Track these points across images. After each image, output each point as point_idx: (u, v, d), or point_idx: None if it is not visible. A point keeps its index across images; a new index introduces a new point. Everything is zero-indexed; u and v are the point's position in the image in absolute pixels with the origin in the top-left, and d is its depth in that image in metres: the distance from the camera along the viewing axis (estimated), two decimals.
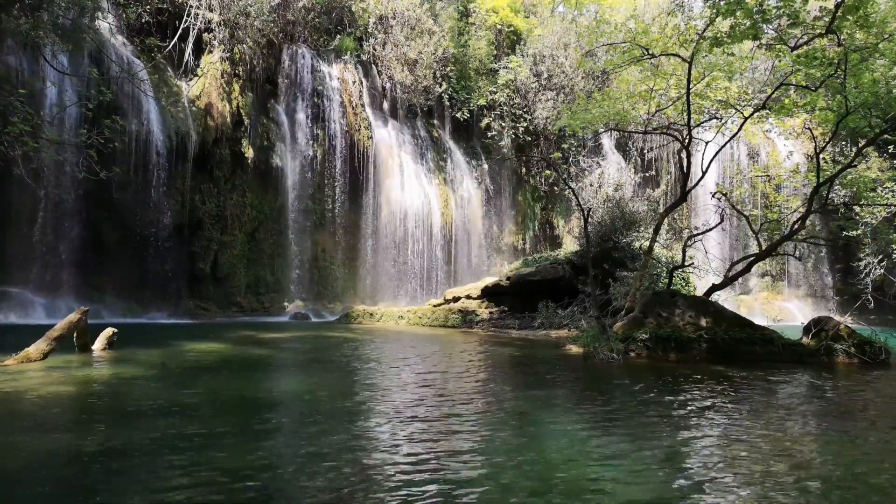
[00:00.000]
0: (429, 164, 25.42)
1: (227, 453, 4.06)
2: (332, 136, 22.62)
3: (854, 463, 4.14)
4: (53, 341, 8.03)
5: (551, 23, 28.10)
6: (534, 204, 28.40)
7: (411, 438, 4.50)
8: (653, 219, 17.46)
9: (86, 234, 17.42)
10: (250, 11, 20.71)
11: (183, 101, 19.32)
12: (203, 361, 8.75)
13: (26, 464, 3.80)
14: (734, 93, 14.85)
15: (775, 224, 15.16)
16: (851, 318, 18.54)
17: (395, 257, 23.65)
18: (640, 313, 10.74)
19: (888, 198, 16.21)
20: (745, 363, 9.26)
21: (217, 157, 20.09)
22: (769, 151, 28.18)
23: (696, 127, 13.31)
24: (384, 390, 6.77)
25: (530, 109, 26.84)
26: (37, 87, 15.53)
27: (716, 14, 10.34)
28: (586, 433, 4.78)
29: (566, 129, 17.78)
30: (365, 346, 11.58)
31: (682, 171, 15.19)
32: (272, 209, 21.77)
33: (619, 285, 14.22)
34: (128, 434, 4.46)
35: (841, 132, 13.97)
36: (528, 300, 16.91)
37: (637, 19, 13.70)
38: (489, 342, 12.66)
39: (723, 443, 4.60)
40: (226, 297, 20.19)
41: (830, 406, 6.35)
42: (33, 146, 12.66)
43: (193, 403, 5.69)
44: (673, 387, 7.18)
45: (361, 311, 19.07)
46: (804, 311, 24.84)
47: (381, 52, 24.57)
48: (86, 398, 5.87)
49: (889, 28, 10.43)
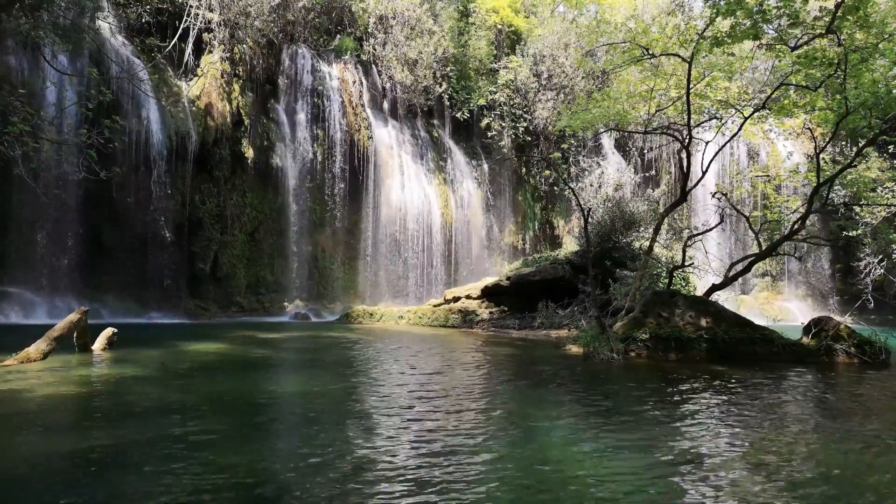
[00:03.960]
0: (429, 164, 25.43)
1: (227, 453, 4.06)
2: (332, 136, 22.62)
3: (854, 462, 4.14)
4: (53, 341, 8.03)
5: (551, 23, 28.11)
6: (534, 204, 28.40)
7: (411, 438, 4.50)
8: (653, 219, 17.46)
9: (86, 234, 17.42)
10: (250, 11, 20.72)
11: (183, 101, 19.32)
12: (203, 361, 8.75)
13: (26, 464, 3.80)
14: (734, 93, 14.86)
15: (775, 224, 15.15)
16: (851, 318, 18.57)
17: (395, 257, 23.65)
18: (640, 313, 10.74)
19: (888, 198, 16.21)
20: (745, 363, 9.26)
21: (217, 157, 20.09)
22: (769, 151, 28.18)
23: (696, 127, 13.31)
24: (384, 390, 6.77)
25: (530, 109, 26.85)
26: (37, 87, 15.53)
27: (716, 14, 10.35)
28: (586, 433, 4.78)
29: (566, 129, 17.77)
30: (365, 346, 11.58)
31: (682, 171, 15.19)
32: (272, 209, 21.77)
33: (619, 285, 14.23)
34: (128, 434, 4.46)
35: (841, 132, 13.97)
36: (528, 300, 16.92)
37: (637, 19, 13.72)
38: (489, 342, 12.66)
39: (723, 442, 4.60)
40: (226, 297, 20.19)
41: (830, 406, 6.35)
42: (33, 146, 12.66)
43: (193, 403, 5.69)
44: (673, 387, 7.18)
45: (361, 311, 19.07)
46: (804, 311, 24.83)
47: (381, 52, 24.57)
48: (86, 398, 5.87)
49: (889, 28, 10.43)
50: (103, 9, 17.31)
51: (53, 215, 16.74)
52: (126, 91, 17.33)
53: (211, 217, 19.88)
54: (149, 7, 19.34)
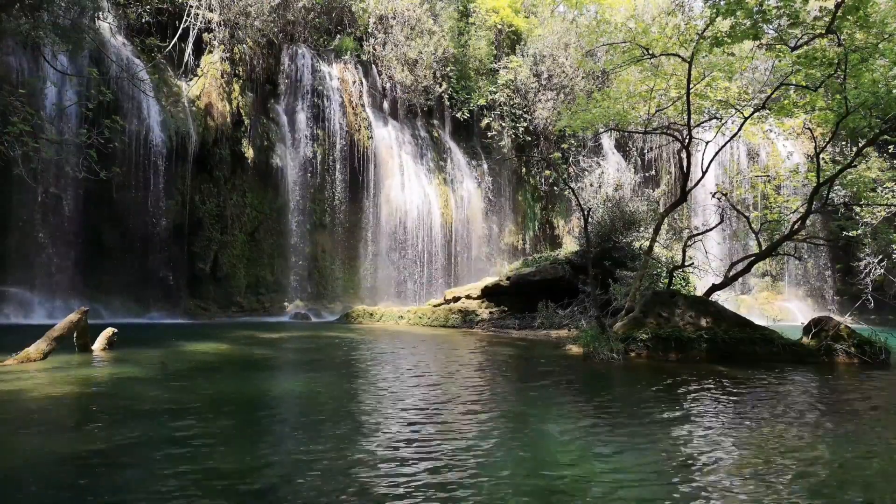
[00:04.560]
0: (429, 164, 25.42)
1: (227, 453, 4.06)
2: (332, 136, 22.62)
3: (854, 462, 4.14)
4: (53, 341, 8.03)
5: (551, 23, 28.11)
6: (534, 204, 28.40)
7: (411, 438, 4.50)
8: (653, 219, 17.46)
9: (86, 234, 17.41)
10: (250, 11, 20.72)
11: (183, 101, 19.32)
12: (203, 361, 8.74)
13: (26, 464, 3.80)
14: (734, 93, 14.86)
15: (775, 224, 15.14)
16: (851, 318, 18.58)
17: (395, 257, 23.65)
18: (640, 313, 10.74)
19: (888, 198, 16.21)
20: (746, 363, 9.25)
21: (217, 157, 20.09)
22: (769, 151, 28.18)
23: (696, 127, 13.30)
24: (384, 390, 6.77)
25: (530, 109, 26.85)
26: (37, 87, 15.52)
27: (716, 14, 10.35)
28: (586, 433, 4.78)
29: (566, 129, 17.78)
30: (365, 346, 11.58)
31: (682, 171, 15.19)
32: (272, 209, 21.78)
33: (619, 285, 14.22)
34: (128, 434, 4.46)
35: (841, 132, 13.96)
36: (528, 300, 16.91)
37: (637, 19, 13.72)
38: (489, 342, 12.66)
39: (723, 442, 4.60)
40: (226, 297, 20.19)
41: (830, 406, 6.34)
42: (33, 146, 12.66)
43: (193, 404, 5.69)
44: (673, 387, 7.18)
45: (361, 311, 19.07)
46: (804, 311, 24.83)
47: (381, 52, 24.57)
48: (86, 398, 5.87)
49: (889, 28, 10.43)
50: (103, 9, 17.30)
51: (53, 215, 16.75)
52: (126, 91, 17.32)
53: (211, 217, 19.88)
54: (149, 7, 19.35)
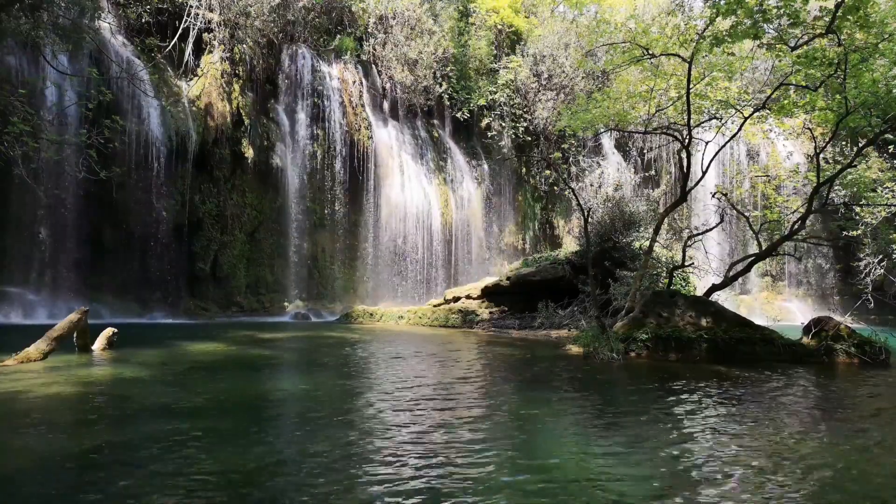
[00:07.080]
0: (429, 164, 25.42)
1: (227, 453, 4.05)
2: (331, 136, 22.62)
3: (853, 462, 4.14)
4: (53, 341, 8.03)
5: (551, 23, 28.12)
6: (534, 204, 28.41)
7: (411, 438, 4.50)
8: (653, 219, 17.46)
9: (86, 234, 17.42)
10: (250, 11, 20.72)
11: (183, 101, 19.33)
12: (203, 361, 8.74)
13: (26, 464, 3.80)
14: (734, 93, 14.85)
15: (775, 224, 15.15)
16: (851, 318, 18.59)
17: (395, 257, 23.66)
18: (640, 313, 10.74)
19: (888, 198, 16.22)
20: (746, 363, 9.25)
21: (217, 157, 20.10)
22: (769, 151, 28.17)
23: (696, 127, 13.30)
24: (384, 390, 6.77)
25: (530, 109, 26.85)
26: (37, 87, 15.53)
27: (716, 14, 10.34)
28: (586, 433, 4.78)
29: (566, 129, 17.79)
30: (365, 346, 11.58)
31: (682, 171, 15.19)
32: (272, 209, 21.78)
33: (619, 285, 14.22)
34: (128, 434, 4.46)
35: (841, 132, 13.96)
36: (529, 300, 16.91)
37: (637, 19, 13.70)
38: (489, 342, 12.66)
39: (723, 442, 4.60)
40: (226, 297, 20.19)
41: (830, 406, 6.35)
42: (33, 146, 12.66)
43: (193, 403, 5.69)
44: (673, 387, 7.18)
45: (361, 311, 19.07)
46: (804, 311, 24.83)
47: (381, 52, 24.58)
48: (86, 398, 5.87)
49: (889, 28, 10.42)
50: (103, 9, 17.30)
51: (53, 215, 16.75)
52: (126, 91, 17.33)
53: (211, 217, 19.88)
54: (149, 7, 19.35)
